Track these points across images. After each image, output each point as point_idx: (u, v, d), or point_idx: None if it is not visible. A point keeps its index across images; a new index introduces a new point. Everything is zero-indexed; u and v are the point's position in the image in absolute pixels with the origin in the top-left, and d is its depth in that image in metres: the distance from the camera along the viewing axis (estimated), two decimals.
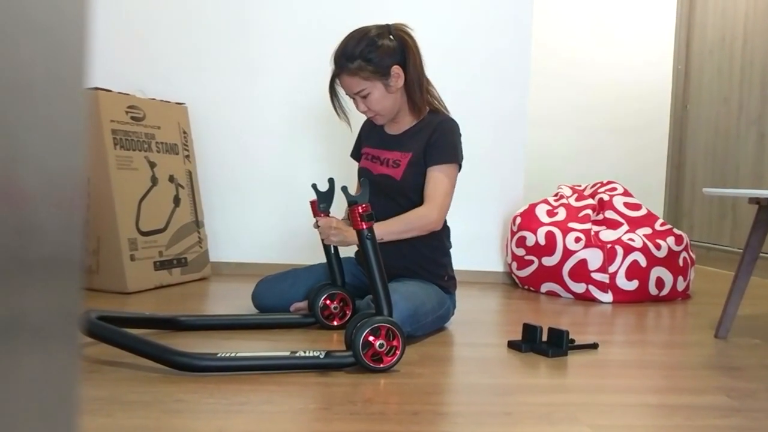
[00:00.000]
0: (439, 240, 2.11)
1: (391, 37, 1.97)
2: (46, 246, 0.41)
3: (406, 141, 2.08)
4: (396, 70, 1.97)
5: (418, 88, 2.02)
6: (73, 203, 0.44)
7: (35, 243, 0.40)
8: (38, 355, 0.41)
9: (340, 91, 2.06)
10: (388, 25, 2.00)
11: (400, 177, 2.03)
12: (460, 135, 2.07)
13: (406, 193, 2.04)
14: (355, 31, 1.99)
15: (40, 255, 0.41)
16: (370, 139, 2.18)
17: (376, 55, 1.94)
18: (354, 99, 2.02)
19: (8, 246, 0.37)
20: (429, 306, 1.93)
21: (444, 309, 2.03)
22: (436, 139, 2.02)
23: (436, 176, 2.01)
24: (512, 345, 1.86)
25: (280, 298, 2.13)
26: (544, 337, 1.84)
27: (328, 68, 2.02)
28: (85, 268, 2.42)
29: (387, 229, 1.93)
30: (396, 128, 2.12)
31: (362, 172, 2.15)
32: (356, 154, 2.26)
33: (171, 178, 2.73)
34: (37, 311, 0.41)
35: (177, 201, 2.74)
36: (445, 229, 2.14)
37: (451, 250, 2.17)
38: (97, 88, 2.47)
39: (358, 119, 2.18)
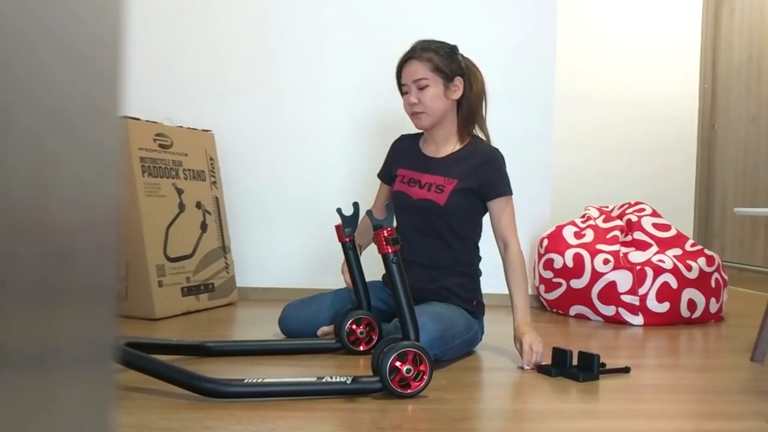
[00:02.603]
0: (470, 266, 2.11)
1: (463, 58, 2.09)
2: (81, 274, 0.41)
3: (450, 166, 2.07)
4: (458, 81, 2.04)
5: (471, 114, 2.09)
6: (107, 231, 0.44)
7: (70, 271, 0.40)
8: (74, 384, 0.41)
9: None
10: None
11: (444, 203, 2.03)
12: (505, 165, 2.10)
13: (448, 219, 2.04)
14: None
15: (74, 283, 0.41)
16: (407, 161, 2.16)
17: (446, 55, 2.04)
18: (408, 90, 2.04)
19: (43, 274, 0.37)
20: (457, 329, 1.91)
21: (472, 333, 2.01)
22: (493, 172, 2.05)
23: (504, 208, 2.04)
24: (542, 369, 1.83)
25: (307, 322, 2.13)
26: (575, 361, 1.81)
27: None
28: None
29: (525, 296, 1.98)
30: (437, 151, 2.12)
31: (398, 196, 2.12)
32: (386, 175, 2.25)
33: (198, 205, 2.75)
34: (72, 340, 0.41)
35: (204, 227, 2.77)
36: (477, 257, 2.14)
37: None
38: (125, 117, 2.51)
39: (390, 138, 2.18)
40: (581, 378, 1.73)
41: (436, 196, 2.04)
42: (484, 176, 2.03)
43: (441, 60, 2.01)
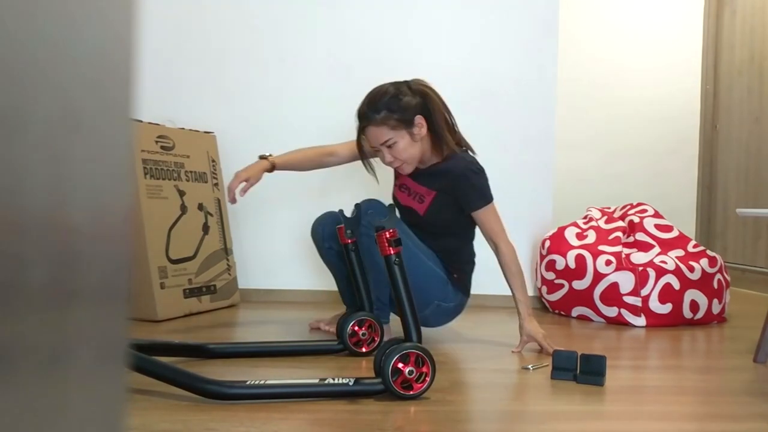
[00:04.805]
0: (466, 251, 2.23)
1: (411, 90, 2.07)
2: (93, 276, 0.41)
3: (432, 177, 2.15)
4: (419, 119, 2.06)
5: (442, 133, 2.10)
6: (119, 233, 0.44)
7: (82, 272, 0.40)
8: (86, 387, 0.41)
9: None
10: (405, 81, 2.10)
11: (423, 213, 2.14)
12: (486, 176, 2.12)
13: (428, 227, 2.15)
14: (374, 89, 2.09)
15: (86, 285, 0.41)
16: None
17: (400, 106, 2.03)
18: (380, 151, 2.09)
19: (55, 275, 0.37)
20: (429, 296, 2.06)
21: (449, 304, 2.16)
22: (469, 187, 2.09)
23: (486, 217, 2.11)
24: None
25: (337, 221, 2.17)
26: (578, 364, 1.80)
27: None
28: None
29: (523, 290, 2.10)
30: (423, 163, 2.19)
31: (394, 200, 2.25)
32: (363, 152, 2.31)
33: (200, 206, 2.75)
34: (84, 342, 0.41)
35: (206, 229, 2.77)
36: (470, 246, 2.24)
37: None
38: None
39: (386, 171, 2.24)
40: (583, 381, 1.72)
41: (418, 205, 2.16)
42: (457, 192, 2.10)
43: (395, 114, 2.02)
